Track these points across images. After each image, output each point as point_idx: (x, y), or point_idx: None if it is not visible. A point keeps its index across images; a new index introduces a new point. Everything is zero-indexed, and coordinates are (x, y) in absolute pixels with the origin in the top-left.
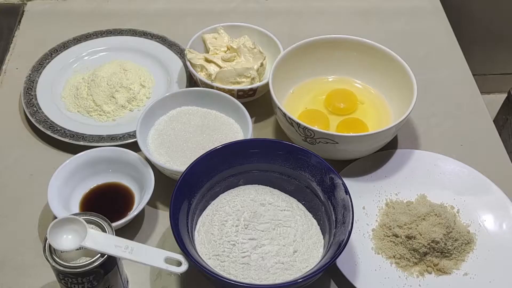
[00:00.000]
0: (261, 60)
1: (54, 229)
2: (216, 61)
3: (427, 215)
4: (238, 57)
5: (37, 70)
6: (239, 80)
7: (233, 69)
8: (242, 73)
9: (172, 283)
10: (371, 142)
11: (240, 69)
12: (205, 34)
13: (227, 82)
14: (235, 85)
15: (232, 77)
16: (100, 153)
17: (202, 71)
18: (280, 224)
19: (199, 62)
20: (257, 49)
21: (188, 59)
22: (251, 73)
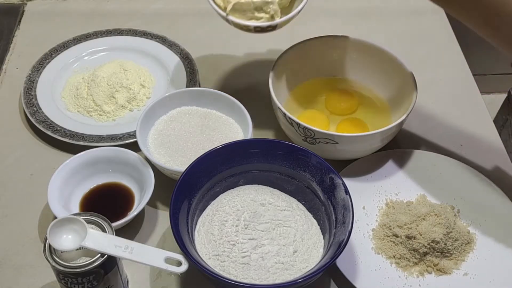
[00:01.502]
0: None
1: (54, 229)
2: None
3: (427, 215)
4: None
5: (37, 70)
6: (258, 15)
7: (251, 1)
8: (260, 7)
9: (172, 283)
10: (371, 142)
11: (259, 2)
12: None
13: (243, 16)
14: (252, 20)
15: (250, 10)
16: (100, 153)
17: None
18: (280, 224)
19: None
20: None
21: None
22: (271, 8)
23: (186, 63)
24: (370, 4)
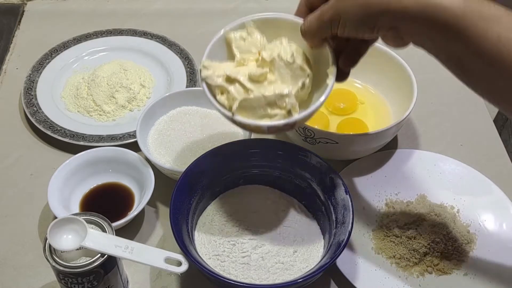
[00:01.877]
0: (303, 79)
1: (54, 229)
2: (241, 79)
3: (427, 215)
4: (271, 73)
5: (37, 70)
6: (271, 112)
7: (261, 96)
8: (273, 102)
9: (172, 283)
10: (371, 142)
11: (272, 95)
12: (231, 32)
13: (254, 114)
14: (264, 119)
15: (261, 107)
16: (100, 153)
17: (223, 94)
18: (280, 224)
19: (218, 82)
20: (297, 64)
21: (203, 78)
22: (287, 102)
23: (186, 63)
24: None
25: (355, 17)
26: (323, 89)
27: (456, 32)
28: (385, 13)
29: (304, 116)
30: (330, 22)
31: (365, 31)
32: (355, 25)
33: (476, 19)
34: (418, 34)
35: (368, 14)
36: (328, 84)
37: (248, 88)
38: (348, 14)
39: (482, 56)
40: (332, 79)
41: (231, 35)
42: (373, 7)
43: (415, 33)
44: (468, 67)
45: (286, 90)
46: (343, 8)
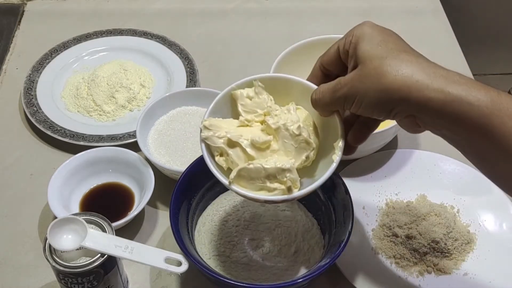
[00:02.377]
0: (307, 153)
1: (54, 229)
2: (243, 144)
3: (427, 215)
4: (275, 142)
5: (37, 70)
6: (270, 185)
7: (262, 167)
8: (274, 175)
9: (172, 283)
10: (371, 142)
11: (273, 169)
12: (237, 89)
13: (251, 184)
14: (262, 191)
15: (260, 179)
16: (100, 153)
17: (222, 156)
18: (280, 224)
19: (218, 144)
20: (303, 137)
21: (203, 138)
22: (287, 177)
23: (186, 63)
24: (370, 4)
25: (373, 100)
26: (327, 163)
27: (482, 130)
28: (405, 101)
29: (303, 193)
30: (344, 99)
31: (380, 115)
32: (371, 107)
33: (505, 118)
34: (438, 126)
35: (386, 100)
36: (334, 160)
37: (249, 154)
38: (365, 96)
39: (509, 155)
40: (338, 155)
41: (237, 92)
42: (393, 94)
43: (436, 124)
44: (496, 167)
45: (288, 165)
46: (360, 88)
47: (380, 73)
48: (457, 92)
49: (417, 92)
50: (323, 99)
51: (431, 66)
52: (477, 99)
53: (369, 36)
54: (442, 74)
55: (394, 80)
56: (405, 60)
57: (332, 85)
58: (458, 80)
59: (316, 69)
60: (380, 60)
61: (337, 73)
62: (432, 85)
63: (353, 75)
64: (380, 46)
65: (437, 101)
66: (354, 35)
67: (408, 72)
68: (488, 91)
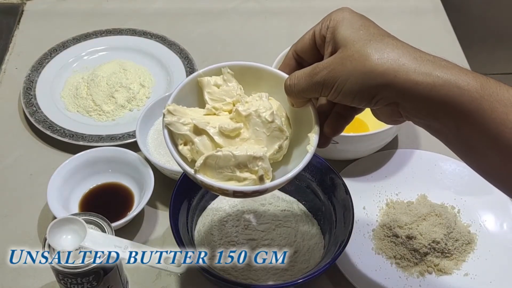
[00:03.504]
0: (280, 142)
1: (54, 229)
2: (210, 131)
3: (427, 215)
4: (246, 130)
5: (37, 70)
6: (240, 174)
7: (231, 154)
8: (244, 164)
9: (172, 283)
10: (371, 142)
11: (244, 156)
12: (204, 76)
13: (219, 175)
14: (231, 181)
15: (229, 167)
16: (100, 153)
17: (186, 144)
18: (280, 225)
19: (183, 131)
20: (276, 124)
21: (167, 123)
22: (259, 166)
23: (186, 63)
24: (370, 4)
25: (354, 85)
26: (301, 154)
27: (472, 116)
28: (390, 86)
29: (276, 184)
30: (322, 84)
31: (361, 101)
32: (351, 93)
33: (495, 103)
34: (423, 114)
35: (369, 84)
36: (308, 150)
37: (217, 142)
38: (346, 80)
39: (499, 145)
40: (313, 146)
41: (204, 79)
42: (377, 77)
43: (420, 112)
44: (482, 156)
45: (260, 153)
46: (341, 71)
47: (364, 55)
48: (446, 76)
49: (403, 75)
50: (298, 85)
51: (416, 50)
52: (467, 83)
53: (349, 20)
54: (428, 58)
55: (379, 63)
56: (390, 43)
57: (308, 70)
58: (446, 65)
59: (288, 57)
60: (363, 42)
61: (311, 61)
62: (420, 68)
63: (333, 59)
64: (361, 30)
65: (425, 85)
66: (332, 20)
67: (393, 55)
68: (476, 76)
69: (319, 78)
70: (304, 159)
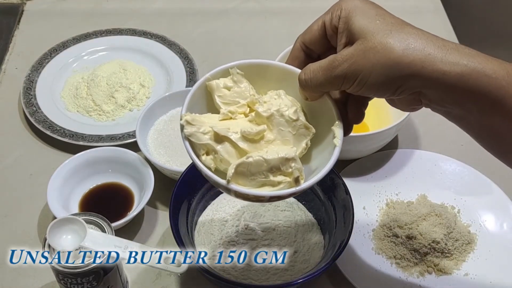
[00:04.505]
0: (307, 139)
1: (54, 229)
2: (232, 137)
3: (427, 215)
4: (269, 131)
5: (37, 70)
6: (273, 178)
7: (262, 159)
8: (278, 167)
9: (172, 283)
10: (371, 142)
11: (276, 159)
12: (212, 79)
13: (252, 181)
14: (265, 187)
15: (261, 173)
16: (100, 153)
17: (208, 154)
18: (280, 225)
19: (204, 141)
20: (301, 121)
21: (188, 135)
22: (293, 167)
23: (186, 63)
24: None
25: (379, 77)
26: (323, 149)
27: (498, 103)
28: (416, 76)
29: (311, 183)
30: (343, 78)
31: (385, 93)
32: (375, 85)
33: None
34: (447, 103)
35: (395, 75)
36: (336, 144)
37: (241, 148)
38: (370, 73)
39: None
40: (340, 139)
41: (213, 83)
42: (404, 69)
43: (444, 100)
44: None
45: (292, 153)
46: (364, 64)
47: (387, 47)
48: (473, 65)
49: (430, 65)
50: (315, 79)
51: (439, 39)
52: (494, 71)
53: (362, 9)
54: (452, 46)
55: (404, 54)
56: (411, 33)
57: (326, 63)
58: (470, 53)
59: (296, 49)
60: (384, 33)
61: (320, 52)
62: (446, 58)
63: (353, 51)
64: (378, 20)
65: (453, 75)
66: (343, 9)
67: (418, 45)
68: (501, 62)
69: (339, 71)
70: (335, 153)
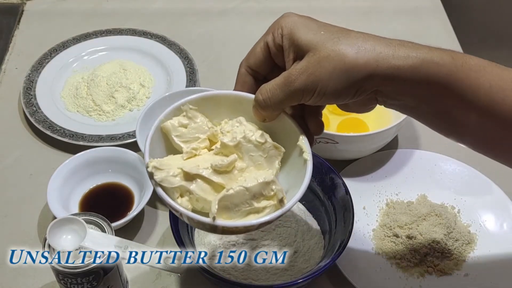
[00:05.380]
0: (278, 159)
1: (54, 229)
2: (204, 173)
3: (427, 215)
4: (240, 159)
5: (37, 70)
6: (257, 205)
7: (243, 188)
8: (260, 193)
9: (172, 283)
10: (371, 142)
11: (256, 186)
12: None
13: (237, 213)
14: (252, 215)
15: (245, 202)
16: (100, 153)
17: (183, 196)
18: (280, 225)
19: (176, 184)
20: (269, 143)
21: (159, 181)
22: (274, 190)
23: (186, 63)
24: (370, 4)
25: (338, 83)
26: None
27: (450, 87)
28: (373, 75)
29: (295, 201)
30: (302, 91)
31: (345, 98)
32: (335, 92)
33: (467, 71)
34: (405, 95)
35: (353, 79)
36: (307, 158)
37: (216, 182)
38: (328, 81)
39: (475, 108)
40: (309, 152)
41: (167, 124)
42: (360, 71)
43: (400, 94)
44: (459, 121)
45: (270, 176)
46: (321, 73)
47: (340, 53)
48: (422, 55)
49: (385, 63)
50: (274, 97)
51: (382, 38)
52: (441, 58)
53: (302, 24)
54: (398, 43)
55: (358, 57)
56: (358, 37)
57: (281, 80)
58: (415, 45)
59: (242, 74)
60: (333, 41)
61: (265, 73)
62: (396, 53)
63: (306, 63)
64: (322, 31)
65: (406, 68)
66: (284, 27)
67: (368, 46)
68: (444, 50)
69: (298, 85)
70: (308, 167)
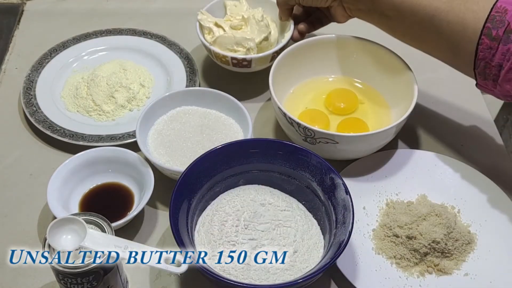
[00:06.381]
0: (265, 34)
1: (54, 229)
2: (224, 26)
3: (427, 215)
4: (245, 26)
5: (37, 70)
6: (236, 48)
7: (232, 36)
8: (240, 42)
9: (172, 283)
10: (371, 142)
11: (239, 37)
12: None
13: (224, 48)
14: (231, 52)
15: (230, 44)
16: (100, 153)
17: (209, 33)
18: (280, 224)
19: (208, 25)
20: (264, 22)
21: (198, 19)
22: (248, 44)
23: (186, 63)
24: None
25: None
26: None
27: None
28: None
29: (258, 56)
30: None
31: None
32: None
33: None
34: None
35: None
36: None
37: (227, 31)
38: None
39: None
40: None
41: (227, 1)
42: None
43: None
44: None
45: (250, 36)
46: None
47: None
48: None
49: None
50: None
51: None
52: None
53: None
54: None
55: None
56: None
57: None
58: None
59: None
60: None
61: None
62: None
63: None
64: None
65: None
66: None
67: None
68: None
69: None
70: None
